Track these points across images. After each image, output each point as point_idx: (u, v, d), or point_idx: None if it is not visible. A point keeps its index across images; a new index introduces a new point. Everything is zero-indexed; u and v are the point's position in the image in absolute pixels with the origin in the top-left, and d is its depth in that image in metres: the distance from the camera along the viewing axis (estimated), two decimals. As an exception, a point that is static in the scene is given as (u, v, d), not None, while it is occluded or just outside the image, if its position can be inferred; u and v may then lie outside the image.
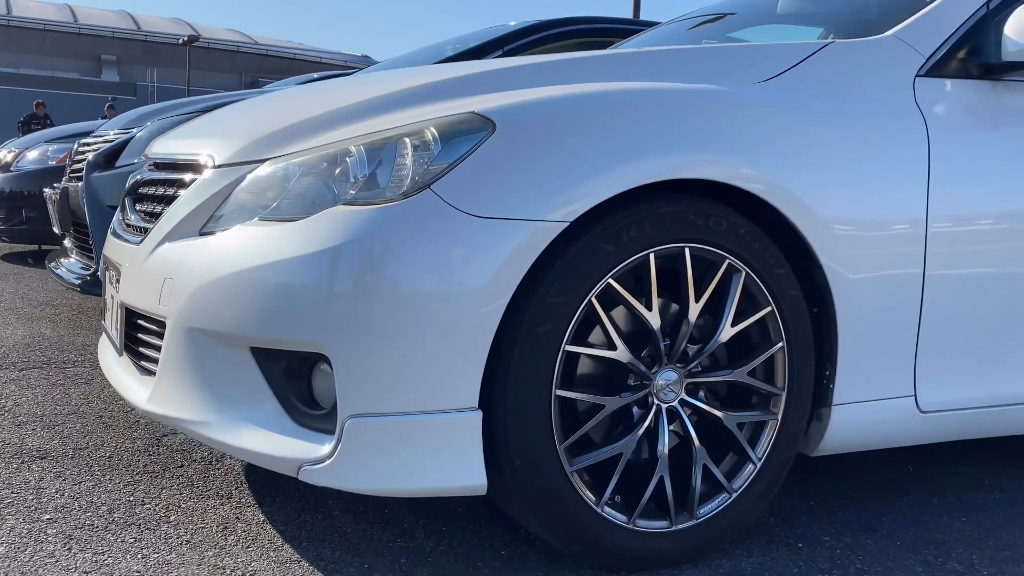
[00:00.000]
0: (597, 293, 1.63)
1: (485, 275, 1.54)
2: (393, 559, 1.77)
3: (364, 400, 1.54)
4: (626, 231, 1.65)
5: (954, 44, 2.09)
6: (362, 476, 1.56)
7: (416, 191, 1.56)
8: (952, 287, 1.96)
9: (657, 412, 1.74)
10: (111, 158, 4.10)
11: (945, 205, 1.94)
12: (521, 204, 1.56)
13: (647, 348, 1.74)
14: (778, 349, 1.81)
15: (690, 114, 1.73)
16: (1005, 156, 2.05)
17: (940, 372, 2.00)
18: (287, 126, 1.81)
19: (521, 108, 1.65)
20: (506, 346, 1.58)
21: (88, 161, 4.11)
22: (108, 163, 4.10)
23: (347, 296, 1.53)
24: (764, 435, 1.83)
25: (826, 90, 1.92)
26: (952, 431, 2.09)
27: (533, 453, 1.61)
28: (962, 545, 1.97)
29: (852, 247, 1.83)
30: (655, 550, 1.74)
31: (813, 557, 1.87)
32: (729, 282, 1.76)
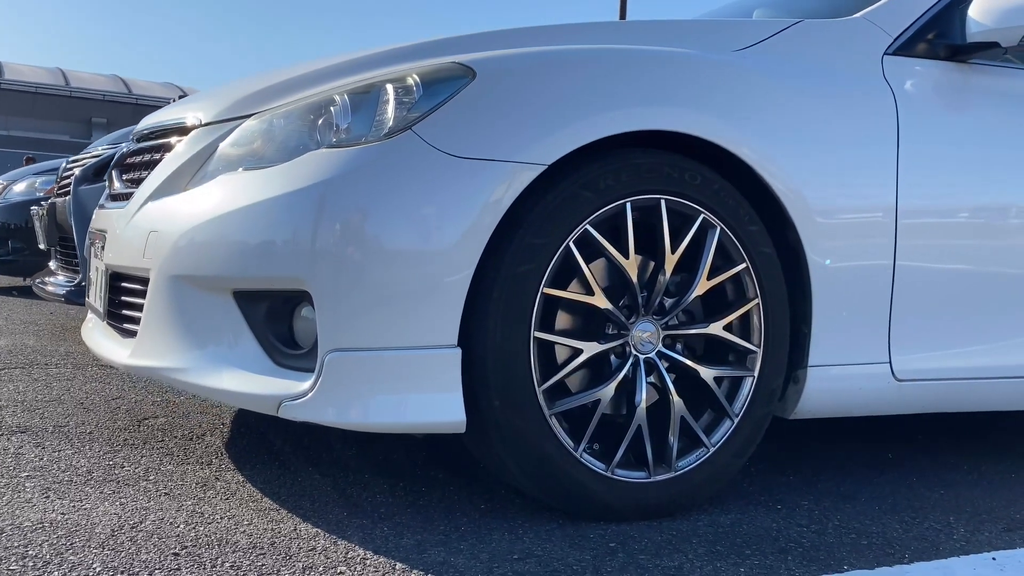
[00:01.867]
0: (575, 238, 1.67)
1: (464, 214, 1.57)
2: (373, 508, 1.77)
3: (344, 335, 1.56)
4: (603, 179, 1.69)
5: (921, 26, 2.17)
6: (341, 410, 1.57)
7: (398, 132, 1.60)
8: (923, 254, 2.01)
9: (635, 363, 1.76)
10: (99, 172, 4.13)
11: (914, 172, 1.99)
12: (500, 146, 1.61)
13: (625, 298, 1.76)
14: (753, 305, 1.84)
15: (664, 70, 1.79)
16: (971, 130, 2.11)
17: (914, 340, 2.03)
18: (274, 84, 1.86)
19: (503, 58, 1.70)
20: (486, 285, 1.61)
21: (75, 176, 4.15)
22: (96, 177, 4.13)
23: (327, 232, 1.56)
24: (742, 392, 1.85)
25: (796, 60, 1.99)
26: (928, 402, 2.12)
27: (512, 393, 1.62)
28: (940, 510, 1.99)
29: (824, 207, 1.88)
30: (633, 500, 1.74)
31: (791, 515, 1.88)
32: (704, 236, 1.80)
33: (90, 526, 1.59)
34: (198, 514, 1.69)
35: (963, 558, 1.68)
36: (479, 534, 1.65)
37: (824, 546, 1.70)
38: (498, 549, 1.58)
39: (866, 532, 1.80)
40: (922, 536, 1.79)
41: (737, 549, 1.65)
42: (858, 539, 1.75)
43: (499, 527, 1.69)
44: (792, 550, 1.66)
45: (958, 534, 1.82)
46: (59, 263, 4.48)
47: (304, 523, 1.66)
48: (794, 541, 1.71)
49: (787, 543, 1.70)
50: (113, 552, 1.47)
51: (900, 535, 1.79)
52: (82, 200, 4.02)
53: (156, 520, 1.64)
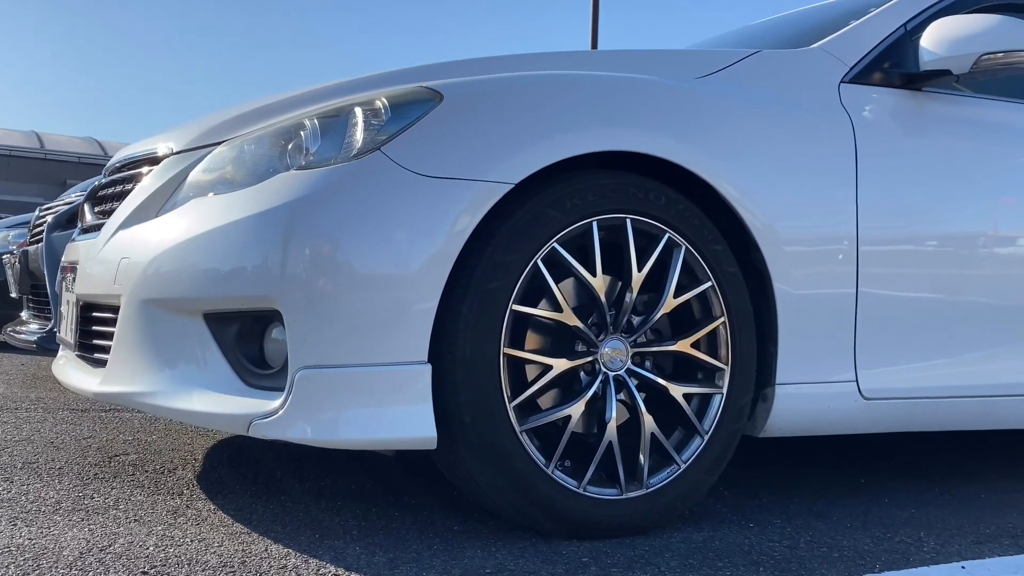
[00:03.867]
0: (543, 256, 1.70)
1: (432, 230, 1.60)
2: (345, 530, 1.76)
3: (314, 352, 1.57)
4: (570, 198, 1.73)
5: (876, 55, 2.25)
6: (312, 427, 1.57)
7: (366, 153, 1.63)
8: (884, 272, 2.05)
9: (605, 380, 1.78)
10: (71, 219, 4.13)
11: (872, 193, 2.05)
12: (468, 166, 1.64)
13: (593, 316, 1.79)
14: (720, 323, 1.87)
15: (627, 95, 1.84)
16: (927, 156, 2.18)
17: (880, 359, 2.07)
18: (245, 112, 1.90)
19: (470, 83, 1.75)
20: (455, 302, 1.63)
21: (48, 223, 4.16)
22: (68, 224, 4.14)
23: (297, 251, 1.58)
24: (711, 409, 1.87)
25: (755, 87, 2.05)
26: (895, 420, 2.15)
27: (483, 409, 1.63)
28: (911, 526, 2.00)
29: (786, 227, 1.92)
30: (605, 517, 1.75)
31: (763, 532, 1.89)
32: (670, 255, 1.83)
33: (58, 549, 1.57)
34: (168, 538, 1.67)
35: (932, 567, 1.70)
36: (452, 552, 1.65)
37: (796, 559, 1.71)
38: (471, 565, 1.57)
39: (837, 546, 1.81)
40: (893, 549, 1.81)
41: (710, 562, 1.66)
42: (829, 552, 1.76)
43: (472, 545, 1.69)
44: (764, 562, 1.67)
45: (928, 547, 1.84)
46: (31, 312, 4.46)
47: (275, 544, 1.65)
48: (766, 555, 1.72)
49: (759, 556, 1.71)
50: (81, 572, 1.45)
51: (871, 548, 1.80)
52: (55, 246, 4.01)
53: (125, 544, 1.62)
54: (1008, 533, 1.98)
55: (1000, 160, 2.30)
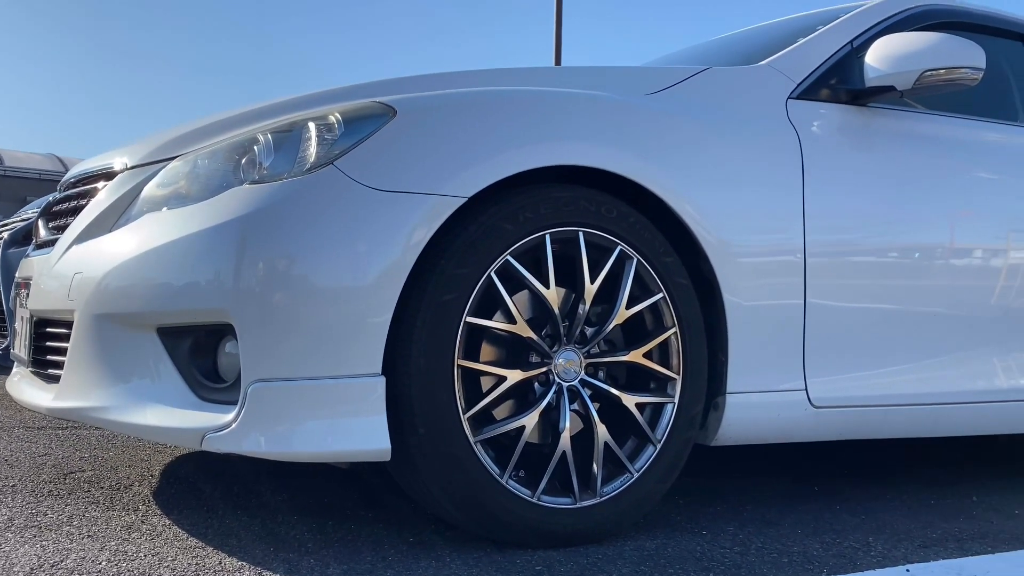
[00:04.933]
0: (497, 268, 1.72)
1: (386, 244, 1.62)
2: (300, 544, 1.76)
3: (267, 365, 1.58)
4: (523, 212, 1.76)
5: (823, 72, 2.31)
6: (266, 440, 1.58)
7: (319, 167, 1.65)
8: (832, 283, 2.10)
9: (559, 391, 1.80)
10: (28, 235, 4.10)
11: (819, 207, 2.10)
12: (422, 180, 1.66)
13: (547, 327, 1.81)
14: (671, 334, 1.90)
15: (579, 110, 1.88)
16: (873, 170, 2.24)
17: (829, 368, 2.11)
18: (199, 127, 1.91)
19: (423, 98, 1.77)
20: (409, 314, 1.65)
21: (4, 239, 4.12)
22: (25, 240, 4.10)
23: (249, 265, 1.59)
24: (663, 418, 1.90)
25: (704, 103, 2.10)
26: (845, 428, 2.19)
27: (437, 420, 1.65)
28: (860, 532, 2.04)
29: (734, 239, 1.96)
30: (559, 526, 1.77)
31: (715, 540, 1.92)
32: (622, 267, 1.86)
33: (8, 566, 1.56)
34: (121, 552, 1.67)
35: (878, 570, 1.74)
36: (406, 563, 1.66)
37: (746, 564, 1.74)
38: None
39: (787, 552, 1.84)
40: (841, 554, 1.84)
41: (661, 568, 1.68)
42: (779, 558, 1.79)
43: (426, 556, 1.70)
44: (715, 568, 1.70)
45: (876, 551, 1.88)
46: (-12, 329, 4.40)
47: (229, 557, 1.66)
48: (717, 561, 1.75)
49: (710, 563, 1.74)
50: (30, 588, 1.45)
51: (820, 553, 1.84)
52: (10, 263, 3.98)
53: (77, 559, 1.62)
54: (954, 537, 2.03)
55: (944, 173, 2.37)
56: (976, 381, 2.36)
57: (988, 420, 2.44)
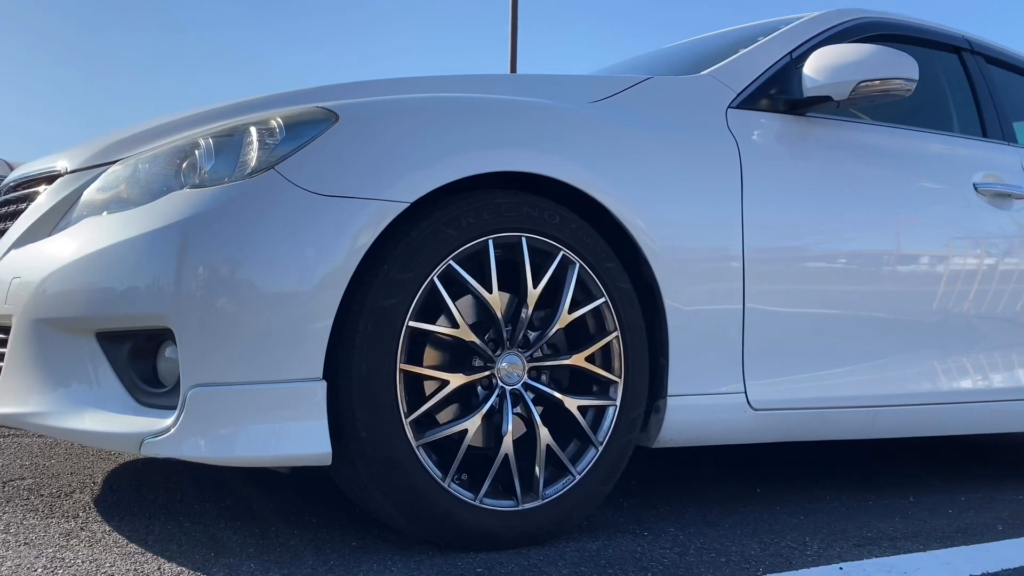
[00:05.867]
0: (440, 273, 1.74)
1: (327, 250, 1.63)
2: (242, 548, 1.76)
3: (207, 370, 1.58)
4: (465, 217, 1.77)
5: (763, 83, 2.36)
6: (206, 445, 1.58)
7: (260, 172, 1.65)
8: (770, 288, 2.15)
9: (502, 394, 1.82)
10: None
11: (757, 215, 2.14)
12: (363, 185, 1.68)
13: (490, 332, 1.83)
14: (613, 338, 1.93)
15: (521, 117, 1.90)
16: (811, 179, 2.29)
17: (767, 371, 2.16)
18: (141, 131, 1.90)
19: (366, 103, 1.78)
20: (352, 319, 1.66)
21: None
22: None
23: (189, 269, 1.59)
24: (605, 421, 1.93)
25: (646, 111, 2.14)
26: (783, 430, 2.24)
27: (379, 425, 1.66)
28: (798, 532, 2.09)
29: (674, 245, 2.00)
30: (501, 528, 1.79)
31: (656, 541, 1.95)
32: (565, 272, 1.89)
33: (-61, 575, 1.54)
34: (58, 559, 1.65)
35: (812, 569, 1.78)
36: (347, 567, 1.66)
37: (684, 565, 1.77)
38: (365, 579, 1.59)
39: (725, 552, 1.88)
40: (778, 553, 1.89)
41: (600, 569, 1.71)
42: (717, 558, 1.83)
43: (368, 560, 1.71)
44: (653, 568, 1.73)
45: (811, 550, 1.92)
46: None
47: (169, 563, 1.65)
48: (656, 561, 1.78)
49: (649, 563, 1.76)
50: (-38, 596, 1.43)
51: (758, 553, 1.88)
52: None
53: (12, 566, 1.60)
54: (888, 536, 2.09)
55: (881, 181, 2.44)
56: (915, 383, 2.43)
57: (927, 422, 2.50)
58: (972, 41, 3.02)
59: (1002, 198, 2.64)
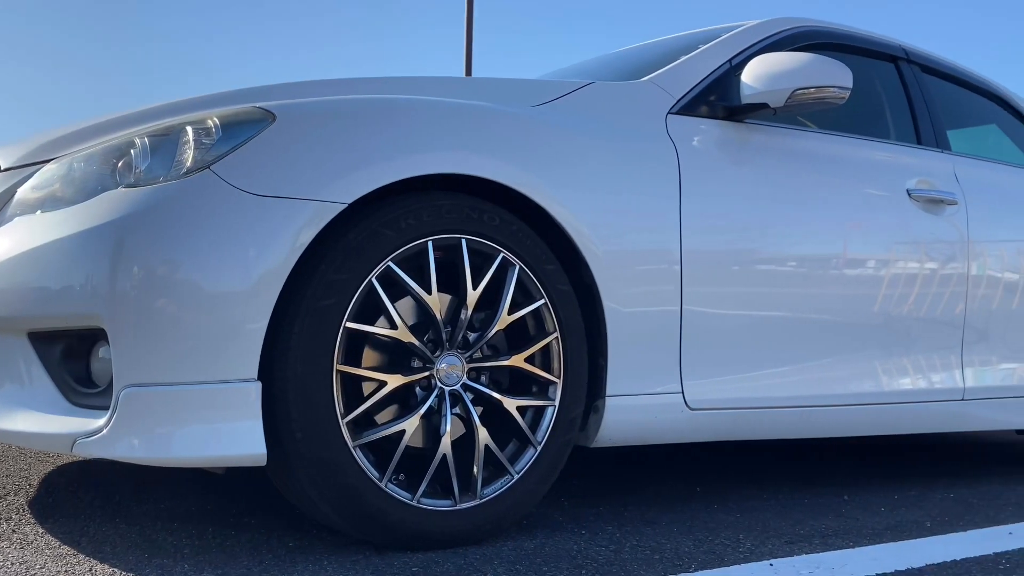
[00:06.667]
0: (378, 274, 1.74)
1: (263, 250, 1.63)
2: (176, 549, 1.75)
3: (140, 370, 1.57)
4: (404, 219, 1.78)
5: (702, 89, 2.40)
6: (137, 445, 1.57)
7: (196, 171, 1.65)
8: (707, 291, 2.19)
9: (440, 395, 1.83)
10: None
11: (695, 220, 2.18)
12: (300, 185, 1.68)
13: (429, 333, 1.84)
14: (552, 339, 1.95)
15: (462, 120, 1.92)
16: (748, 184, 2.34)
17: (704, 371, 2.20)
18: (77, 130, 1.88)
19: (304, 104, 1.79)
20: (288, 319, 1.66)
21: None
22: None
23: (122, 269, 1.58)
24: (544, 421, 1.95)
25: (587, 116, 2.17)
26: (720, 430, 2.28)
27: (314, 425, 1.66)
28: (732, 529, 2.13)
29: (614, 247, 2.03)
30: (438, 528, 1.80)
31: (593, 539, 1.98)
32: (504, 274, 1.91)
33: None
34: (-14, 563, 1.63)
35: (743, 565, 1.82)
36: (282, 567, 1.66)
37: (619, 562, 1.80)
38: (300, 579, 1.60)
39: (660, 549, 1.91)
40: (711, 551, 1.92)
41: (536, 567, 1.73)
42: (651, 555, 1.86)
43: (304, 560, 1.71)
44: (587, 566, 1.75)
45: (744, 548, 1.96)
46: None
47: (101, 564, 1.64)
48: (591, 559, 1.81)
49: (584, 560, 1.79)
50: None
51: (691, 550, 1.91)
52: None
53: (-62, 570, 1.58)
54: (820, 533, 2.14)
55: (817, 186, 2.49)
56: (850, 384, 2.49)
57: (864, 422, 2.56)
58: (909, 50, 3.10)
59: (934, 204, 2.72)
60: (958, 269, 2.73)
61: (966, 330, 2.77)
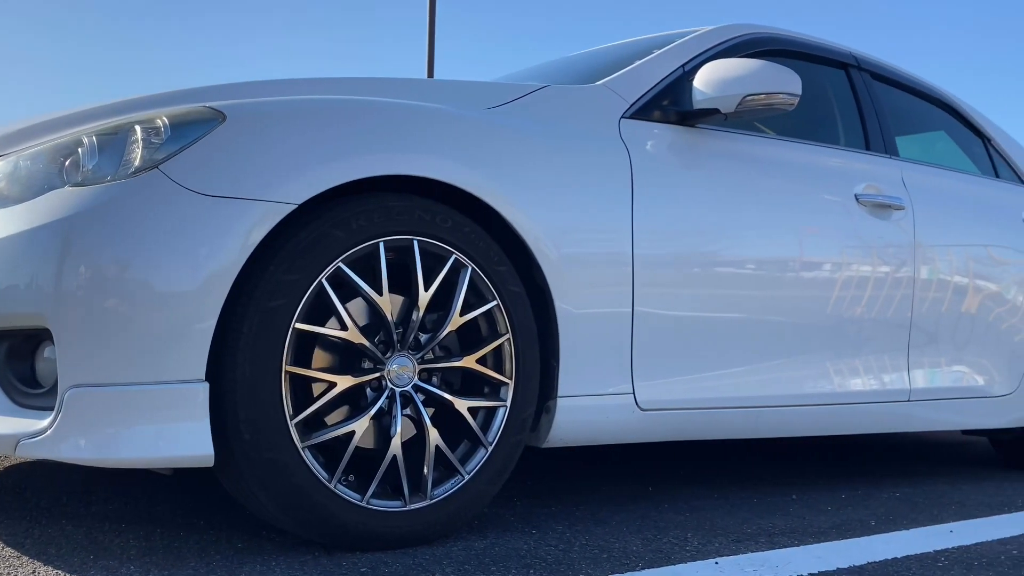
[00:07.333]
0: (328, 275, 1.75)
1: (211, 250, 1.62)
2: (123, 551, 1.74)
3: (85, 371, 1.56)
4: (356, 220, 1.79)
5: (655, 94, 2.43)
6: (82, 446, 1.56)
7: (144, 171, 1.64)
8: (659, 295, 2.22)
9: (391, 396, 1.84)
10: None
11: (647, 223, 2.21)
12: (249, 186, 1.68)
13: (380, 334, 1.85)
14: (505, 340, 1.96)
15: (415, 121, 1.92)
16: (700, 188, 2.37)
17: (655, 372, 2.23)
18: (24, 127, 1.86)
19: (254, 104, 1.78)
20: (237, 320, 1.65)
21: None
22: None
23: (67, 268, 1.57)
24: (495, 421, 1.96)
25: (541, 119, 2.18)
26: (671, 430, 2.31)
27: (262, 427, 1.66)
28: (680, 528, 2.16)
29: (567, 249, 2.05)
30: (387, 528, 1.80)
31: (543, 538, 1.99)
32: (457, 275, 1.92)
33: None
34: (-75, 566, 1.61)
35: (690, 564, 1.85)
36: (230, 568, 1.66)
37: (567, 561, 1.81)
38: (247, 580, 1.60)
39: (608, 548, 1.93)
40: (659, 549, 1.95)
41: (484, 567, 1.74)
42: (599, 554, 1.88)
43: (252, 561, 1.71)
44: (536, 565, 1.77)
45: (691, 546, 1.99)
46: None
47: (45, 566, 1.62)
48: (539, 558, 1.82)
49: (533, 560, 1.81)
50: None
51: (639, 549, 1.94)
52: None
53: None
54: (766, 532, 2.17)
55: (767, 190, 2.53)
56: (801, 385, 2.53)
57: (814, 422, 2.61)
58: (859, 57, 3.16)
59: (882, 208, 2.77)
60: (905, 273, 2.79)
61: (913, 332, 2.83)
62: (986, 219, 3.18)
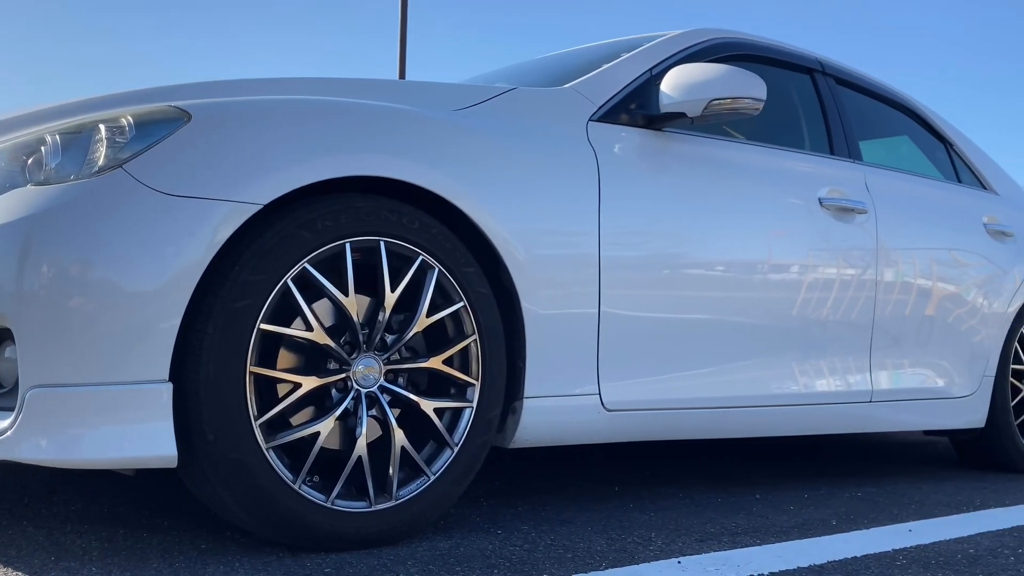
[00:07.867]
0: (293, 276, 1.74)
1: (176, 250, 1.62)
2: (84, 552, 1.73)
3: (47, 371, 1.55)
4: (322, 220, 1.79)
5: (623, 98, 2.45)
6: (44, 447, 1.55)
7: (108, 170, 1.63)
8: (625, 294, 2.24)
9: (357, 397, 1.84)
10: None
11: (614, 225, 2.23)
12: (215, 185, 1.67)
13: (346, 335, 1.85)
14: (471, 341, 1.97)
15: (382, 122, 1.93)
16: (667, 191, 2.39)
17: (621, 373, 2.25)
18: (-13, 124, 1.84)
19: (220, 103, 1.78)
20: (201, 321, 1.65)
21: None
22: None
23: (29, 268, 1.56)
24: (461, 422, 1.97)
25: (509, 121, 2.19)
26: (636, 430, 2.33)
27: (226, 427, 1.66)
28: (645, 528, 2.18)
29: (534, 251, 2.06)
30: (352, 529, 1.80)
31: (508, 538, 2.00)
32: (423, 276, 1.92)
33: None
34: None
35: (653, 563, 1.86)
36: (193, 569, 1.66)
37: (531, 561, 1.83)
38: (211, 581, 1.59)
39: (573, 548, 1.95)
40: (623, 549, 1.97)
41: (449, 567, 1.75)
42: (564, 554, 1.89)
43: (215, 562, 1.71)
44: (500, 565, 1.78)
45: (655, 546, 2.01)
46: None
47: (5, 568, 1.61)
48: (504, 558, 1.83)
49: (497, 560, 1.82)
50: None
51: (604, 549, 1.95)
52: None
53: None
54: (729, 532, 2.20)
55: (733, 194, 2.56)
56: (766, 386, 2.56)
57: (778, 422, 2.64)
58: (824, 63, 3.20)
59: (845, 212, 2.81)
60: (868, 275, 2.83)
61: (875, 334, 2.87)
62: (947, 223, 3.24)
